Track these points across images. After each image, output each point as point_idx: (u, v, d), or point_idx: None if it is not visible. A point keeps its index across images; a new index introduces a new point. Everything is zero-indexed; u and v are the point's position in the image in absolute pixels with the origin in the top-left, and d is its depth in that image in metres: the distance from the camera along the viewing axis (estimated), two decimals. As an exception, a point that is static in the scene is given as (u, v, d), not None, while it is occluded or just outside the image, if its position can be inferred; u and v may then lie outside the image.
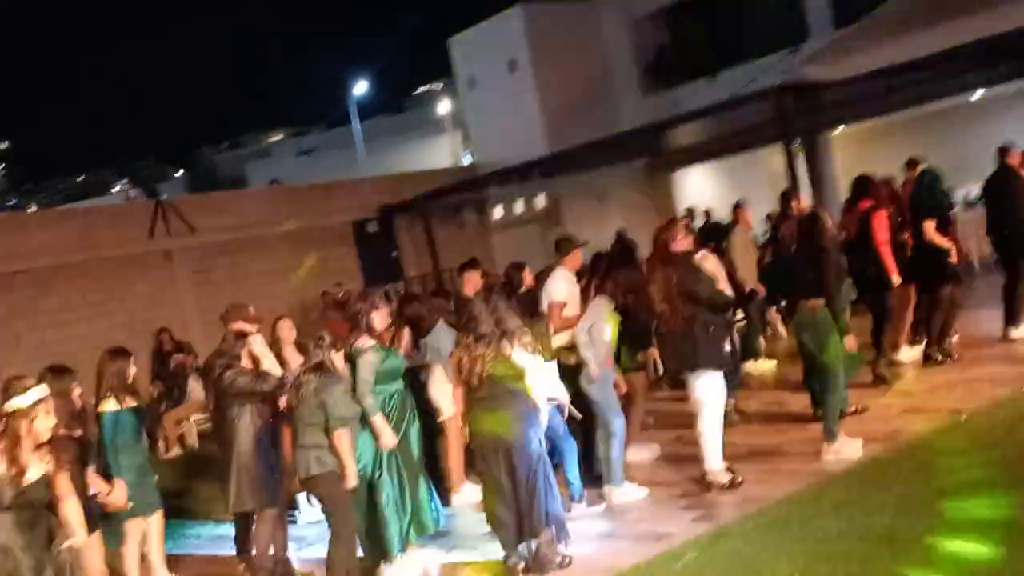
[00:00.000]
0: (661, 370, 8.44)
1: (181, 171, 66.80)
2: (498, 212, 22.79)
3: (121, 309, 17.24)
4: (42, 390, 4.89)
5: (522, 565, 6.26)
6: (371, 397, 6.69)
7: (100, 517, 6.49)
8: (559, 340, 7.88)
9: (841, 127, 18.97)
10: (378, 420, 6.68)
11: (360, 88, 38.37)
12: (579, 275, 8.73)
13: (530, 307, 8.04)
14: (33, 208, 52.81)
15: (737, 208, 12.02)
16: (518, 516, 6.23)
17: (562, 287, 8.29)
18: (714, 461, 7.30)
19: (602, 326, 7.53)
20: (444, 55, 24.48)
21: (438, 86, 44.43)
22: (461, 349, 6.52)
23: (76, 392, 6.43)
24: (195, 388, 13.16)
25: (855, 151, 18.92)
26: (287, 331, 8.56)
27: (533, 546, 6.26)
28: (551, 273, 8.51)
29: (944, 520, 5.74)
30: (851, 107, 16.68)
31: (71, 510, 4.84)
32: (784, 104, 13.65)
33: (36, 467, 4.71)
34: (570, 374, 7.47)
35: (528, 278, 8.88)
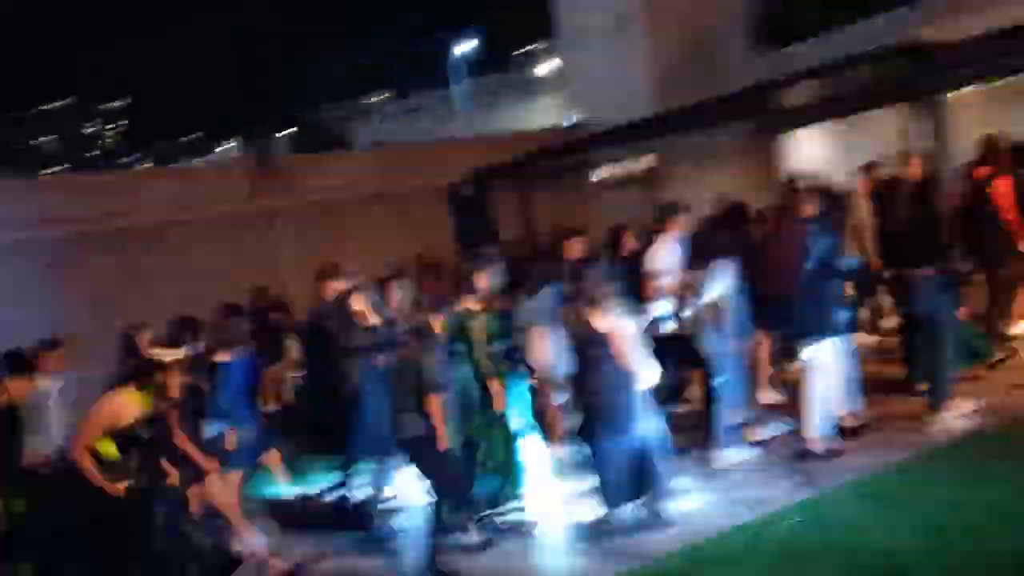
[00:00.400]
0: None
1: (287, 131, 67.78)
2: (599, 174, 22.51)
3: (223, 267, 17.46)
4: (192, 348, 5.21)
5: (626, 523, 6.27)
6: (488, 360, 6.85)
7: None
8: (660, 308, 7.69)
9: (962, 89, 18.15)
10: (495, 383, 6.82)
11: (463, 48, 38.30)
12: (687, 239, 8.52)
13: (632, 271, 7.92)
14: (148, 165, 54.19)
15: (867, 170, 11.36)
16: (622, 475, 6.23)
17: (664, 254, 8.12)
18: (814, 428, 7.08)
19: (721, 288, 7.42)
20: (548, 15, 24.20)
21: (543, 45, 43.99)
22: (566, 311, 6.56)
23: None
24: (291, 346, 13.25)
25: (976, 115, 18.09)
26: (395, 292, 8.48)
27: (639, 505, 6.28)
28: (655, 238, 8.32)
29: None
30: (971, 68, 15.91)
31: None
32: (900, 65, 13.07)
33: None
34: (671, 342, 7.36)
35: (630, 242, 8.80)
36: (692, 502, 6.58)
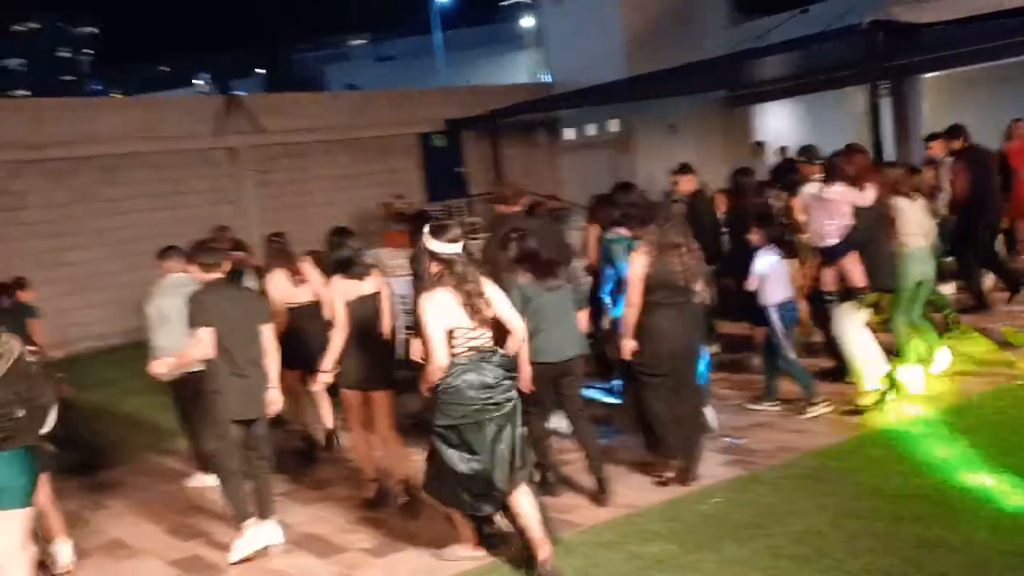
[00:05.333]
0: None
1: (260, 70, 66.90)
2: (569, 134, 22.46)
3: (183, 203, 17.33)
4: None
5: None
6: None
7: None
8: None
9: (934, 72, 18.24)
10: None
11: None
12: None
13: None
14: (116, 95, 53.31)
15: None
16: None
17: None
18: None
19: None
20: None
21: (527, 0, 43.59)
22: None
23: None
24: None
25: (946, 99, 18.21)
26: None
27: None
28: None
29: (984, 485, 5.54)
30: (944, 51, 15.97)
31: None
32: (874, 42, 13.06)
33: None
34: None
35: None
36: (618, 477, 6.53)
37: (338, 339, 6.36)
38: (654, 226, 6.37)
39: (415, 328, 6.25)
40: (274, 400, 6.07)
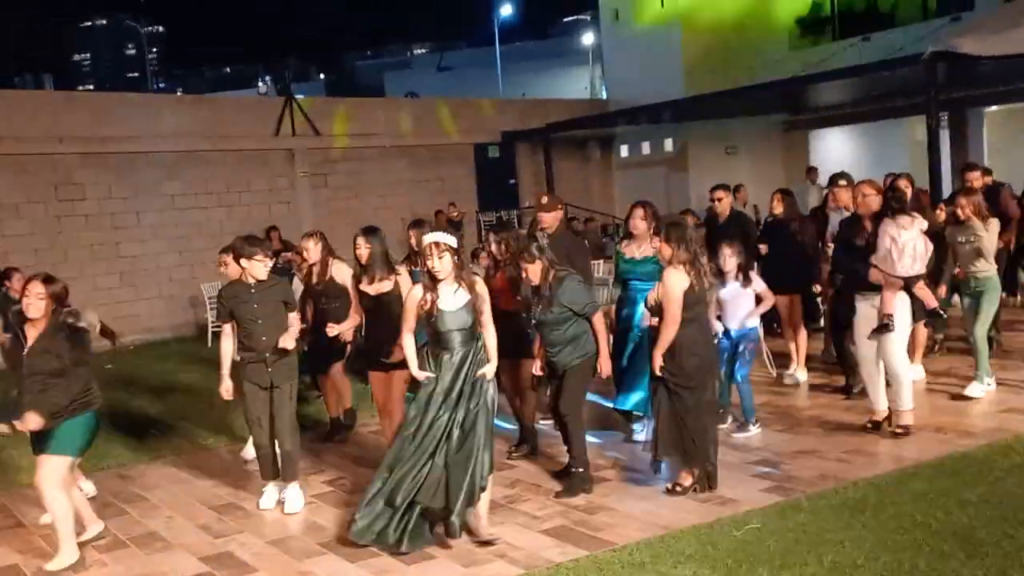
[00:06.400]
0: None
1: (323, 75, 67.58)
2: (624, 151, 22.41)
3: (239, 202, 17.56)
4: None
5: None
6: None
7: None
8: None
9: (994, 106, 17.97)
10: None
11: (507, 10, 38.02)
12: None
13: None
14: (179, 93, 54.09)
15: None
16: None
17: None
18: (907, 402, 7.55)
19: None
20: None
21: (586, 16, 43.67)
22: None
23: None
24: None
25: (1007, 132, 17.92)
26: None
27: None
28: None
29: (1029, 528, 5.40)
30: (1004, 85, 15.74)
31: None
32: (933, 73, 12.92)
33: None
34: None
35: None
36: (655, 496, 6.54)
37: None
38: (687, 245, 6.42)
39: None
40: None
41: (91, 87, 72.08)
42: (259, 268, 6.66)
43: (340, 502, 6.97)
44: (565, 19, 54.48)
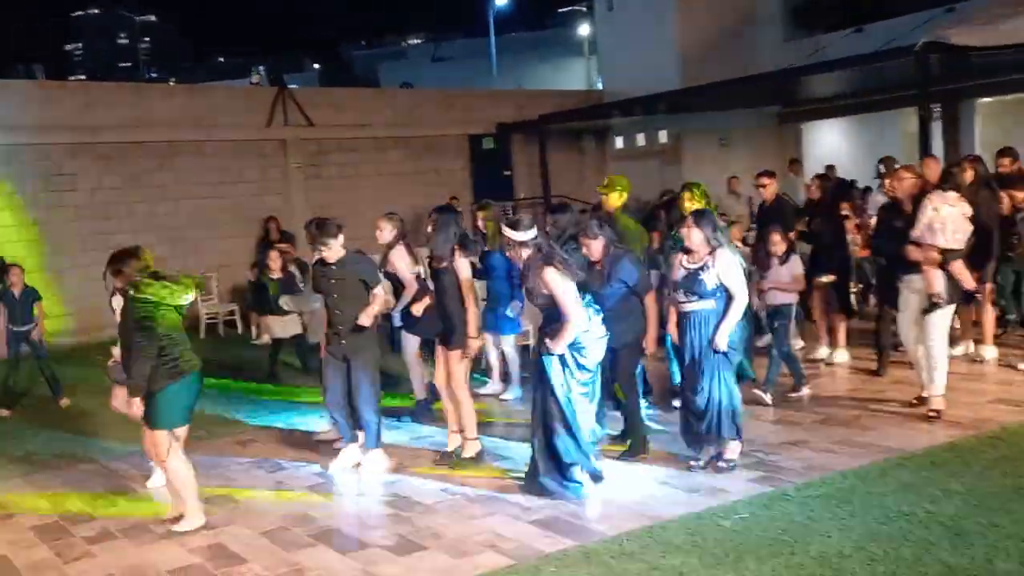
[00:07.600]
0: None
1: (316, 65, 67.47)
2: (618, 143, 22.38)
3: (232, 192, 17.51)
4: None
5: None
6: None
7: None
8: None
9: (987, 98, 17.98)
10: None
11: (502, 0, 37.94)
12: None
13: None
14: (172, 83, 54.00)
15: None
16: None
17: None
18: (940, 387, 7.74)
19: None
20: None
21: (582, 7, 43.59)
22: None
23: None
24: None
25: (999, 123, 17.93)
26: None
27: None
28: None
29: (1013, 519, 5.43)
30: (997, 76, 15.74)
31: None
32: (926, 64, 12.92)
33: None
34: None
35: None
36: (643, 486, 6.58)
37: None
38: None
39: None
40: None
41: (83, 77, 71.71)
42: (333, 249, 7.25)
43: (332, 493, 6.99)
44: (561, 10, 54.32)
